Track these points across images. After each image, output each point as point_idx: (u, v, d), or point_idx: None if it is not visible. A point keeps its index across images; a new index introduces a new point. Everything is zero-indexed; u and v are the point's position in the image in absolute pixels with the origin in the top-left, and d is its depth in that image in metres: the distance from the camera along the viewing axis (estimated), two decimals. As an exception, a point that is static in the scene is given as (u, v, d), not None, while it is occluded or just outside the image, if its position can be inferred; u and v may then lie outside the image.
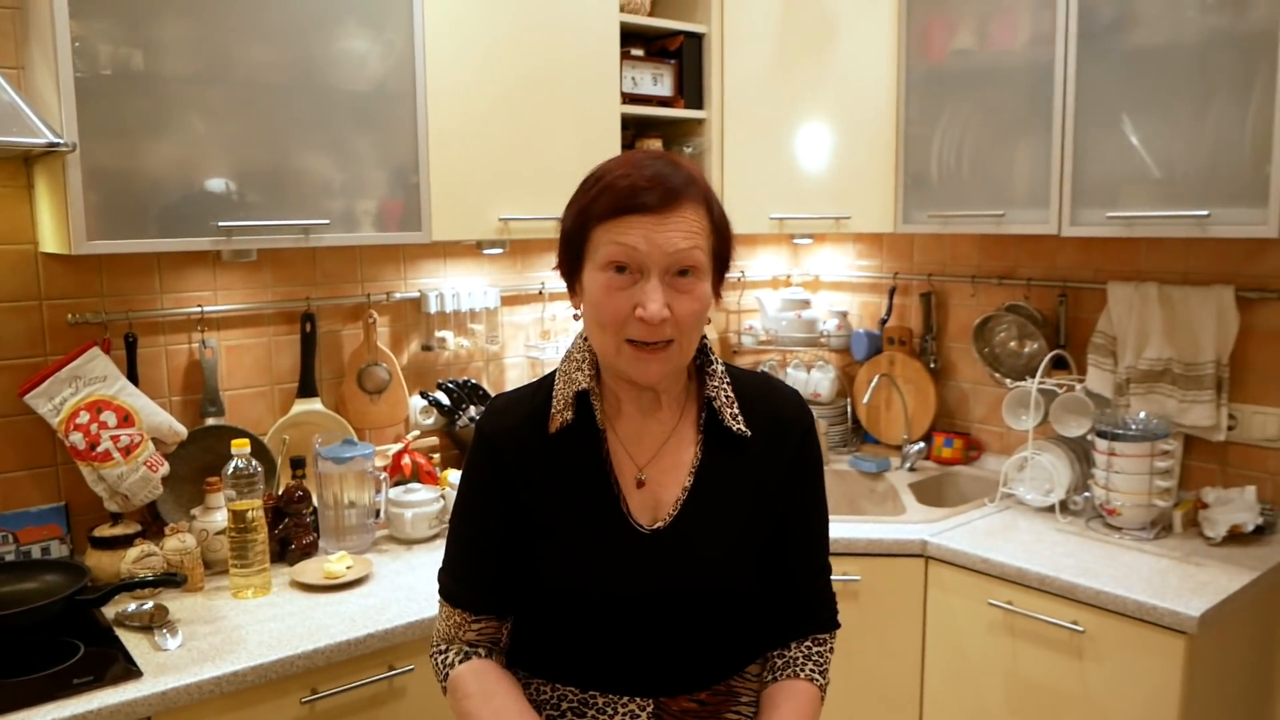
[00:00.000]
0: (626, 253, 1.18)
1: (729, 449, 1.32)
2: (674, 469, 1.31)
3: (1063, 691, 2.14)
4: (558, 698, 1.31)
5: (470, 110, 2.31)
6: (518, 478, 1.29)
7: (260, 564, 2.02)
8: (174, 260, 2.27)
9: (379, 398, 2.56)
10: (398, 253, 2.61)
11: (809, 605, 1.40)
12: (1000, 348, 2.91)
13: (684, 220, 1.20)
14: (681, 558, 1.27)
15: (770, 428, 1.34)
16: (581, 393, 1.30)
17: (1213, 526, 2.28)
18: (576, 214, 1.24)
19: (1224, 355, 2.37)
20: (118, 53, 1.87)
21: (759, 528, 1.33)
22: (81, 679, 1.64)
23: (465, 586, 1.33)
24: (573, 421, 1.29)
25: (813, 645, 1.38)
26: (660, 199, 1.18)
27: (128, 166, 1.89)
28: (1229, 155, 2.07)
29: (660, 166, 1.21)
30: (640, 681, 1.27)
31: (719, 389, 1.33)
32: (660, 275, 1.19)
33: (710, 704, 1.30)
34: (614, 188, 1.20)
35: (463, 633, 1.33)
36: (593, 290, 1.23)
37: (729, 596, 1.30)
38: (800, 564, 1.38)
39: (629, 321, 1.20)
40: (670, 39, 2.75)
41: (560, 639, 1.30)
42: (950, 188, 2.61)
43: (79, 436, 2.02)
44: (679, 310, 1.20)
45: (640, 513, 1.29)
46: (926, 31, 2.64)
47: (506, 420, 1.32)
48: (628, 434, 1.32)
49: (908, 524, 2.49)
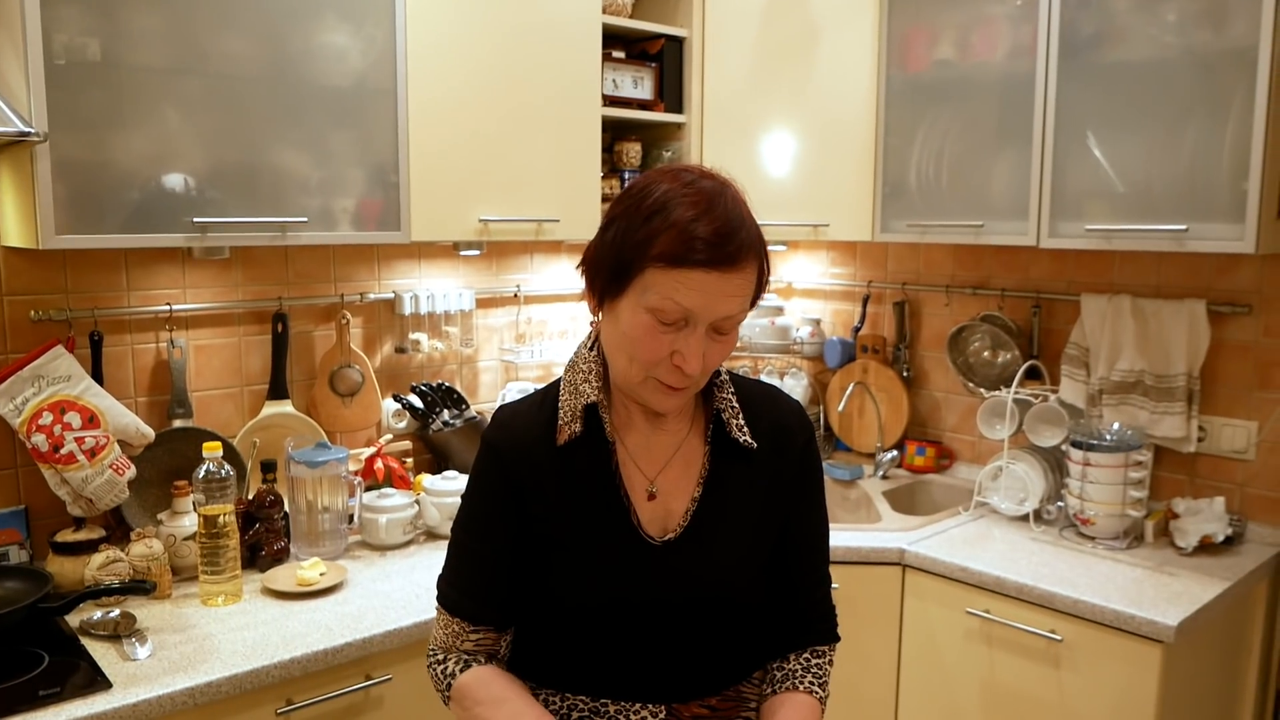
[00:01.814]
0: (680, 310, 1.15)
1: (736, 459, 1.31)
2: (683, 480, 1.30)
3: (1039, 700, 2.15)
4: (568, 707, 1.29)
5: (451, 109, 2.27)
6: (526, 490, 1.27)
7: (231, 570, 1.96)
8: (142, 256, 2.21)
9: (351, 400, 2.51)
10: (372, 253, 2.56)
11: (808, 616, 1.39)
12: (974, 357, 2.93)
13: (742, 281, 1.16)
14: (693, 568, 1.26)
15: (774, 437, 1.34)
16: (590, 405, 1.28)
17: (1184, 536, 2.31)
18: (631, 243, 1.16)
19: (1195, 368, 2.41)
20: (89, 42, 1.81)
21: (767, 536, 1.33)
22: (47, 690, 1.58)
23: (465, 596, 1.30)
24: (581, 434, 1.27)
25: (811, 657, 1.37)
26: (725, 260, 1.13)
27: (98, 159, 1.83)
28: (1207, 171, 2.10)
29: (727, 211, 1.15)
30: (652, 688, 1.27)
31: (726, 400, 1.32)
32: (705, 330, 1.17)
33: (721, 709, 1.30)
34: (680, 230, 1.13)
35: (460, 642, 1.31)
36: (631, 325, 1.18)
37: (740, 604, 1.30)
38: (801, 575, 1.37)
39: (664, 364, 1.18)
40: (651, 42, 2.74)
41: (571, 649, 1.28)
42: (929, 198, 2.63)
43: (42, 438, 1.95)
44: (711, 358, 1.20)
45: (650, 524, 1.27)
46: (907, 41, 2.65)
47: (513, 432, 1.30)
48: (637, 446, 1.30)
49: (885, 532, 2.49)
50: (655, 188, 1.18)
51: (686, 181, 1.18)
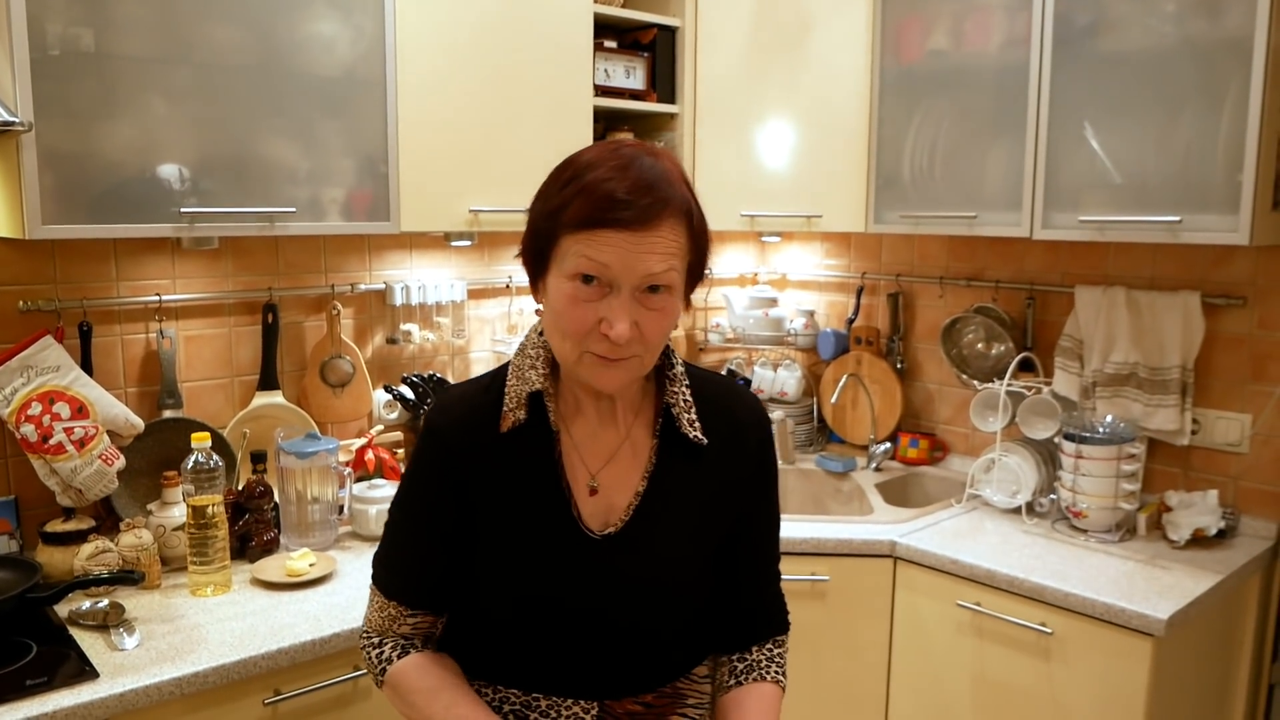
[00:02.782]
0: (596, 268, 1.12)
1: (685, 455, 1.28)
2: (628, 474, 1.27)
3: (1029, 692, 2.15)
4: (499, 700, 1.28)
5: (441, 99, 2.26)
6: (466, 476, 1.24)
7: (220, 561, 1.96)
8: (131, 247, 2.20)
9: (342, 391, 2.50)
10: (363, 243, 2.55)
11: (765, 609, 1.39)
12: (968, 349, 2.92)
13: (662, 240, 1.12)
14: (631, 564, 1.24)
15: (729, 433, 1.31)
16: (535, 393, 1.25)
17: (1176, 530, 2.30)
18: (546, 214, 1.16)
19: (1189, 360, 2.40)
20: (74, 31, 1.80)
21: (712, 534, 1.31)
22: (35, 680, 1.57)
23: (402, 580, 1.28)
24: (525, 421, 1.24)
25: (773, 648, 1.38)
26: (640, 215, 1.10)
27: (85, 149, 1.82)
28: (1201, 162, 2.09)
29: (643, 170, 1.12)
30: (585, 684, 1.25)
31: (678, 394, 1.29)
32: (630, 292, 1.13)
33: (656, 706, 1.29)
34: (590, 193, 1.11)
35: (397, 625, 1.29)
36: (557, 298, 1.16)
37: (678, 601, 1.28)
38: (757, 570, 1.37)
39: (593, 334, 1.14)
40: (644, 31, 2.73)
41: (504, 641, 1.26)
42: (922, 189, 2.62)
43: (30, 428, 1.95)
44: (646, 328, 1.15)
45: (591, 518, 1.25)
46: (901, 31, 2.64)
47: (457, 416, 1.27)
48: (582, 437, 1.27)
49: (876, 524, 2.49)
50: (574, 160, 1.17)
51: (607, 152, 1.16)
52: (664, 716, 1.29)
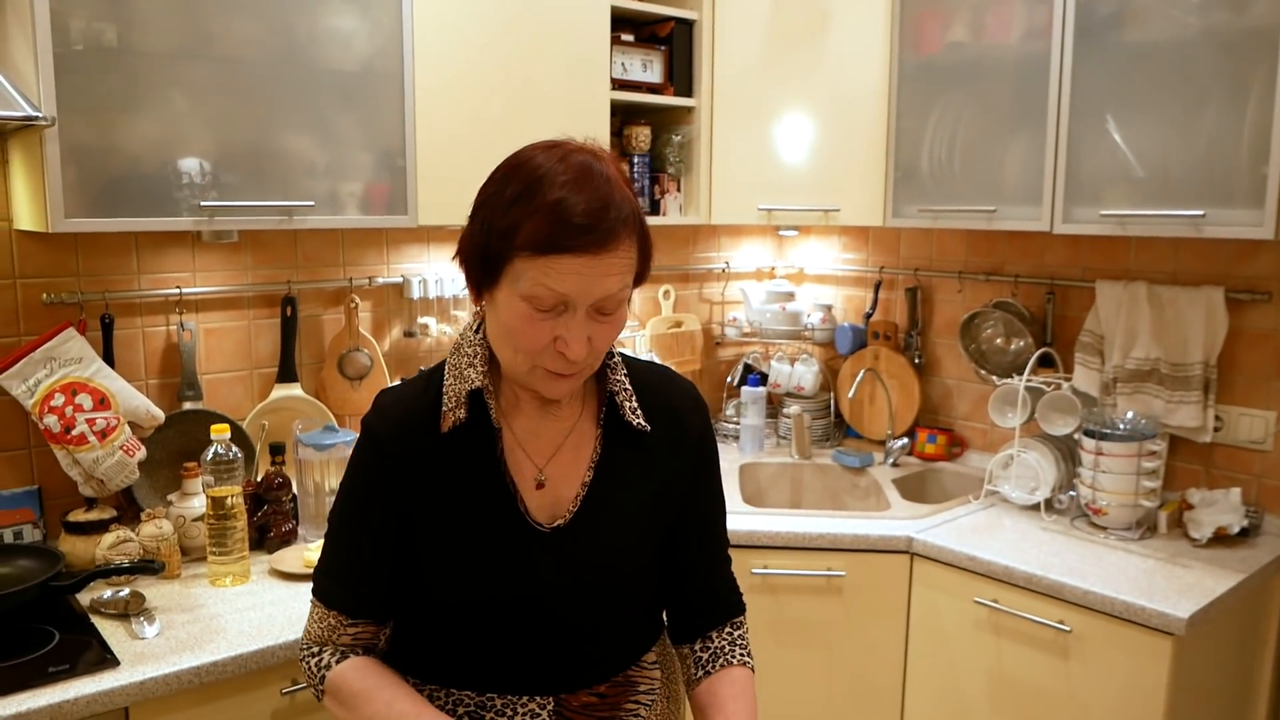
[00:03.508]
0: (554, 296, 1.10)
1: (629, 443, 1.28)
2: (574, 465, 1.27)
3: (1047, 691, 2.14)
4: (453, 702, 1.26)
5: (459, 93, 2.27)
6: (406, 479, 1.22)
7: (239, 551, 1.98)
8: (152, 240, 2.22)
9: (360, 384, 2.51)
10: (380, 237, 2.57)
11: (719, 594, 1.39)
12: (987, 344, 2.90)
13: (618, 260, 1.11)
14: (582, 554, 1.24)
15: (669, 420, 1.31)
16: (475, 391, 1.23)
17: (1198, 528, 2.28)
18: (498, 231, 1.11)
19: (1212, 356, 2.38)
20: (97, 26, 1.81)
21: (660, 521, 1.31)
22: (57, 667, 1.59)
23: (343, 589, 1.26)
24: (466, 420, 1.22)
25: (733, 630, 1.38)
26: (597, 241, 1.08)
27: (106, 143, 1.84)
28: (1225, 155, 2.06)
29: (597, 187, 1.10)
30: (540, 680, 1.24)
31: (619, 382, 1.28)
32: (585, 312, 1.12)
33: (610, 696, 1.29)
34: (548, 215, 1.08)
35: (337, 636, 1.26)
36: (509, 315, 1.13)
37: (630, 590, 1.28)
38: (708, 555, 1.38)
39: (547, 351, 1.14)
40: (661, 25, 2.72)
41: (455, 643, 1.25)
42: (941, 182, 2.60)
43: (53, 419, 1.97)
44: (598, 340, 1.15)
45: (539, 511, 1.24)
46: (920, 23, 2.62)
47: (394, 418, 1.24)
48: (525, 432, 1.26)
49: (893, 520, 2.48)
50: (515, 171, 1.13)
51: (550, 161, 1.12)
52: (618, 705, 1.29)
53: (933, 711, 2.36)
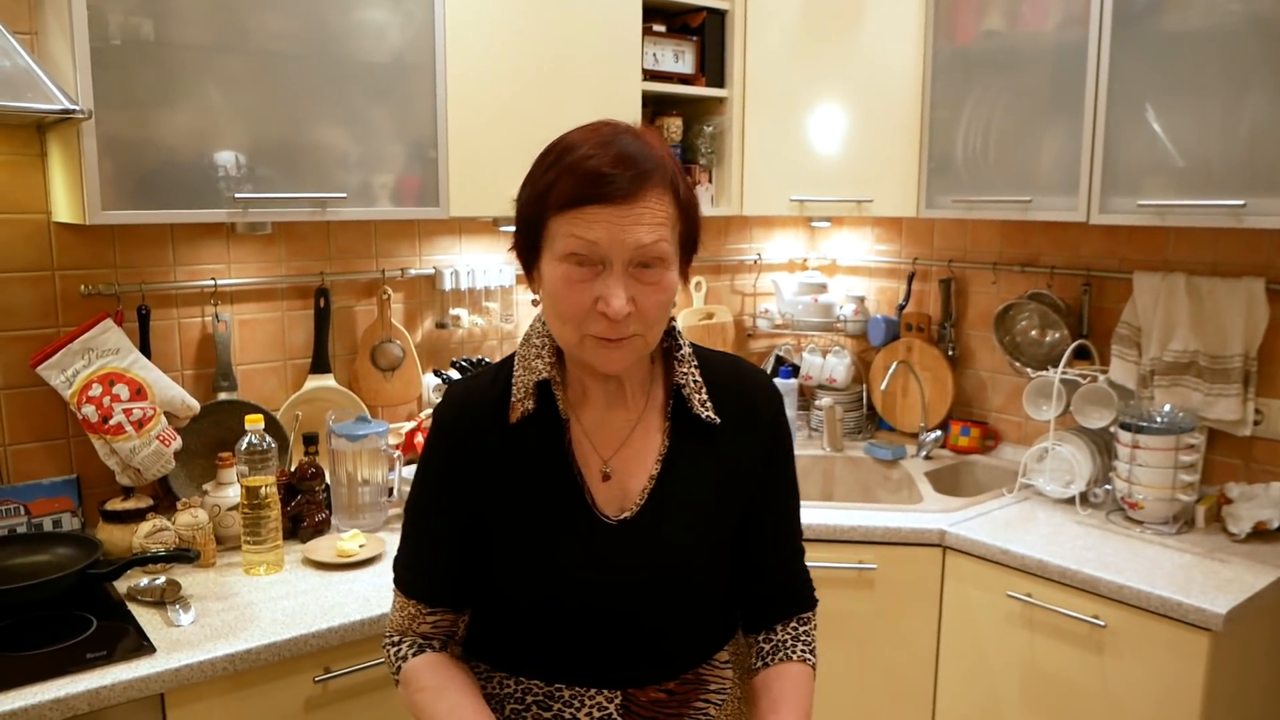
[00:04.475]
0: (587, 246, 1.12)
1: (697, 436, 1.28)
2: (641, 458, 1.26)
3: (1081, 686, 2.12)
4: (522, 691, 1.27)
5: (490, 84, 2.27)
6: (475, 470, 1.24)
7: (273, 541, 2.00)
8: (188, 232, 2.24)
9: (392, 375, 2.53)
10: (413, 228, 2.58)
11: (789, 587, 1.38)
12: (1021, 336, 2.87)
13: (649, 210, 1.12)
14: (649, 548, 1.23)
15: (740, 412, 1.30)
16: (543, 382, 1.24)
17: (1237, 522, 2.24)
18: (533, 198, 1.17)
19: (1252, 348, 2.33)
20: (132, 20, 1.83)
21: (729, 514, 1.30)
22: (95, 654, 1.62)
23: (420, 578, 1.29)
24: (534, 411, 1.24)
25: (799, 625, 1.37)
26: (623, 188, 1.11)
27: (142, 136, 1.86)
28: (1267, 144, 2.02)
29: (625, 145, 1.13)
30: (608, 673, 1.24)
31: (688, 375, 1.28)
32: (623, 267, 1.13)
33: (679, 693, 1.28)
34: (573, 172, 1.12)
35: (417, 625, 1.29)
36: (551, 281, 1.16)
37: (698, 585, 1.28)
38: (778, 548, 1.36)
39: (591, 315, 1.14)
40: (693, 15, 2.71)
41: (524, 633, 1.26)
42: (975, 172, 2.57)
43: (91, 409, 2.00)
44: (643, 303, 1.14)
45: (606, 504, 1.24)
46: (955, 11, 2.58)
47: (464, 410, 1.27)
48: (592, 423, 1.27)
49: (925, 513, 2.46)
50: (556, 143, 1.18)
51: (590, 133, 1.16)
52: (687, 703, 1.28)
53: (965, 706, 2.34)
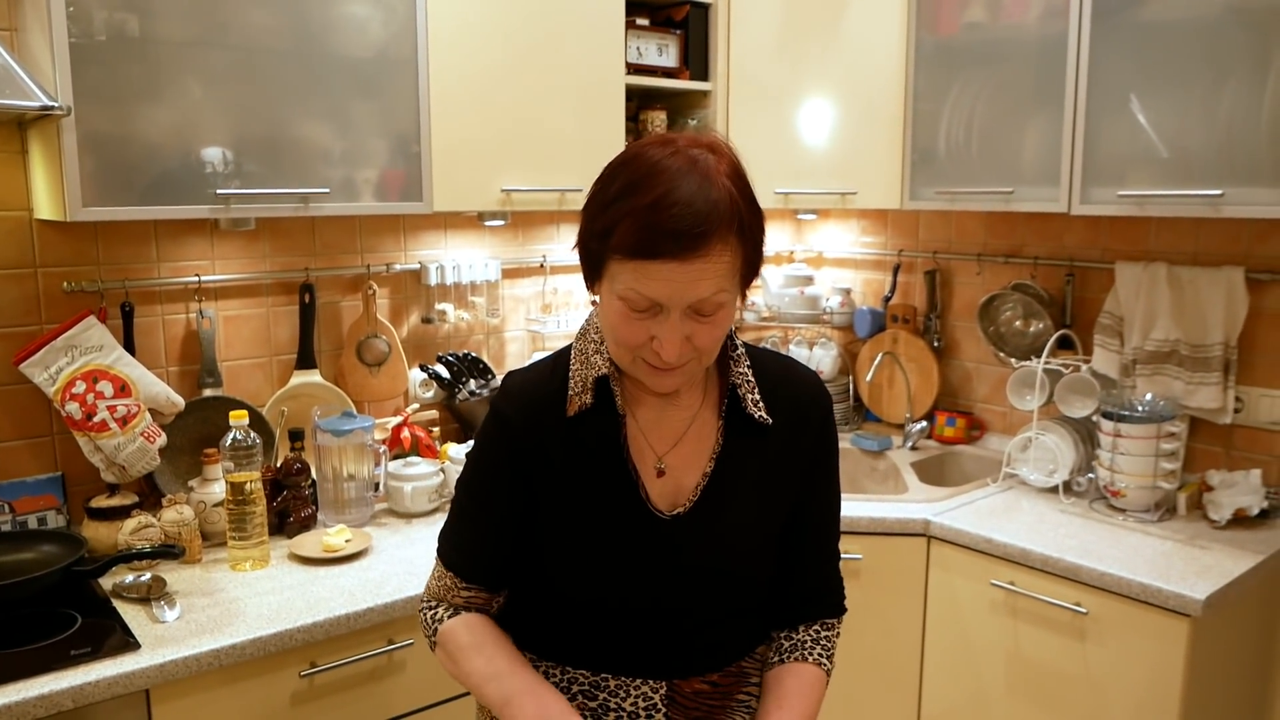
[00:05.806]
0: (645, 301, 1.11)
1: (750, 434, 1.29)
2: (695, 455, 1.28)
3: (1064, 673, 2.13)
4: (568, 680, 1.30)
5: (473, 79, 2.27)
6: (533, 460, 1.26)
7: (258, 536, 2.00)
8: (171, 228, 2.24)
9: (378, 370, 2.53)
10: (398, 223, 2.58)
11: (819, 590, 1.38)
12: (1005, 327, 2.88)
13: (711, 265, 1.09)
14: (701, 544, 1.25)
15: (791, 412, 1.31)
16: (601, 377, 1.25)
17: (1217, 509, 2.26)
18: (596, 233, 1.13)
19: (1232, 337, 2.35)
20: (112, 15, 1.83)
21: (778, 513, 1.31)
22: (79, 650, 1.62)
23: (460, 555, 1.32)
24: (592, 405, 1.25)
25: (821, 629, 1.37)
26: (688, 248, 1.07)
27: (123, 132, 1.86)
28: (1244, 134, 2.03)
29: (691, 194, 1.07)
30: (654, 664, 1.26)
31: (742, 375, 1.29)
32: (681, 312, 1.12)
33: (722, 685, 1.30)
34: (638, 218, 1.08)
35: (452, 596, 1.32)
36: (608, 312, 1.16)
37: (746, 581, 1.29)
38: (814, 549, 1.37)
39: (646, 347, 1.15)
40: (676, 8, 2.71)
41: (573, 622, 1.28)
42: (958, 164, 2.58)
43: (75, 406, 2.00)
44: (699, 341, 1.15)
45: (660, 499, 1.26)
46: (937, 4, 2.59)
47: (523, 400, 1.28)
48: (648, 421, 1.28)
49: (910, 503, 2.47)
50: (619, 170, 1.14)
51: (654, 160, 1.11)
52: (730, 695, 1.31)
53: (950, 693, 2.36)
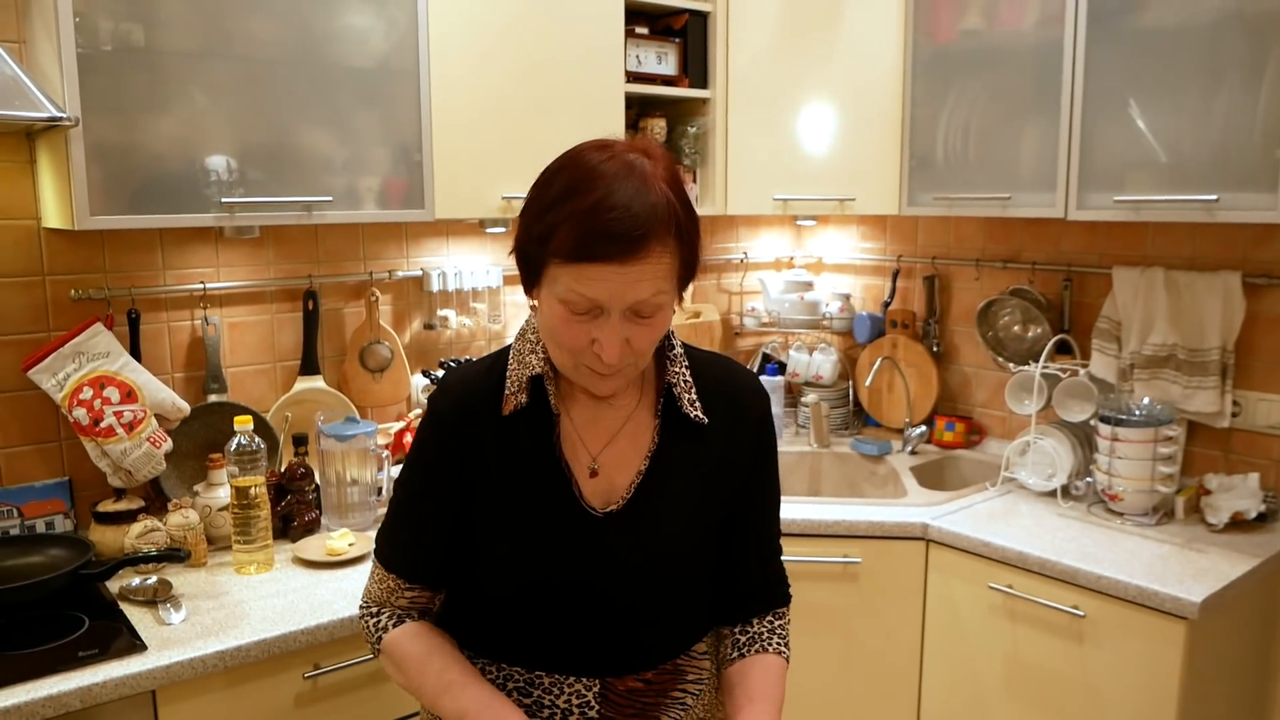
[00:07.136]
0: (586, 302, 1.13)
1: (687, 434, 1.30)
2: (629, 454, 1.29)
3: (1062, 676, 2.15)
4: (503, 677, 1.30)
5: (473, 87, 2.30)
6: (467, 457, 1.26)
7: (263, 540, 2.02)
8: (177, 236, 2.27)
9: (381, 376, 2.55)
10: (400, 231, 2.60)
11: (766, 584, 1.41)
12: (1004, 332, 2.90)
13: (650, 266, 1.11)
14: (633, 541, 1.26)
15: (728, 412, 1.32)
16: (536, 377, 1.27)
17: (1215, 513, 2.28)
18: (534, 239, 1.14)
19: (1229, 341, 2.36)
20: (119, 27, 1.85)
21: (713, 511, 1.33)
22: (86, 652, 1.64)
23: (401, 555, 1.32)
24: (527, 404, 1.26)
25: (774, 620, 1.40)
26: (627, 250, 1.09)
27: (130, 142, 1.88)
28: (1239, 139, 2.05)
29: (628, 197, 1.09)
30: (587, 662, 1.27)
31: (679, 374, 1.30)
32: (620, 315, 1.14)
33: (656, 683, 1.31)
34: (576, 222, 1.09)
35: (395, 598, 1.33)
36: (548, 316, 1.17)
37: (680, 579, 1.31)
38: (758, 546, 1.39)
39: (586, 351, 1.17)
40: (675, 17, 2.73)
41: (506, 620, 1.29)
42: (956, 170, 2.60)
43: (82, 412, 2.02)
44: (638, 342, 1.17)
45: (593, 498, 1.27)
46: (934, 11, 2.62)
47: (459, 399, 1.28)
48: (583, 420, 1.29)
49: (909, 507, 2.49)
50: (556, 175, 1.15)
51: (592, 164, 1.12)
52: (664, 693, 1.31)
53: (949, 696, 2.37)
